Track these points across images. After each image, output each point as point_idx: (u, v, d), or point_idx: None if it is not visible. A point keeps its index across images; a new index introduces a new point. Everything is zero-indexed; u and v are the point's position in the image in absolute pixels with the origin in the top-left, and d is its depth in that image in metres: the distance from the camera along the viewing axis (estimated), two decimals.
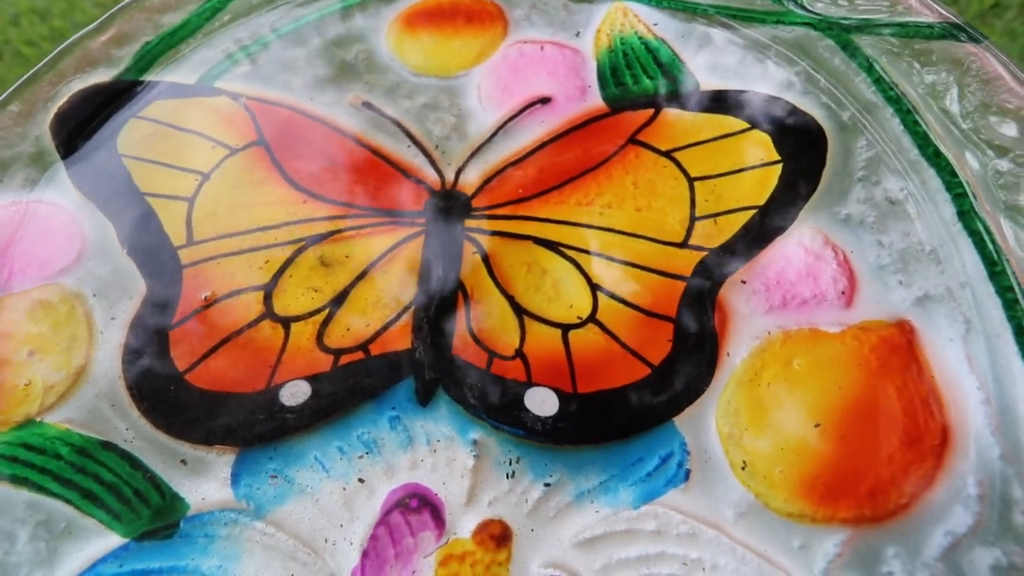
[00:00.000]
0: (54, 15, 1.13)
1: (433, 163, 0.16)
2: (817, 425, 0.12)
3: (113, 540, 0.12)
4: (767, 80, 0.16)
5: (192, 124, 0.17)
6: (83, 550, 0.12)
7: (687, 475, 0.12)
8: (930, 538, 0.11)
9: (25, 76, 0.17)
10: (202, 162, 0.16)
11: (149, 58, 0.18)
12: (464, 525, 0.12)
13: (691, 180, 0.15)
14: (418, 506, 0.12)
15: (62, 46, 0.17)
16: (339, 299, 0.14)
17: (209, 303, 0.14)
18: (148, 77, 0.18)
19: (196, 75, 0.18)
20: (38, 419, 0.13)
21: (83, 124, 0.17)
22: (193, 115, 0.17)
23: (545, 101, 0.17)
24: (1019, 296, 0.12)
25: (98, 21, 0.18)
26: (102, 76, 0.17)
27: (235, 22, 0.18)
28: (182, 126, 0.17)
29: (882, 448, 0.11)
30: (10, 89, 0.17)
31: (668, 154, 0.16)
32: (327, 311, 0.14)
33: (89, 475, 0.13)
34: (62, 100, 0.17)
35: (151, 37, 0.18)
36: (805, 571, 0.11)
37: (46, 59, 0.17)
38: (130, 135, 0.17)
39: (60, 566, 0.12)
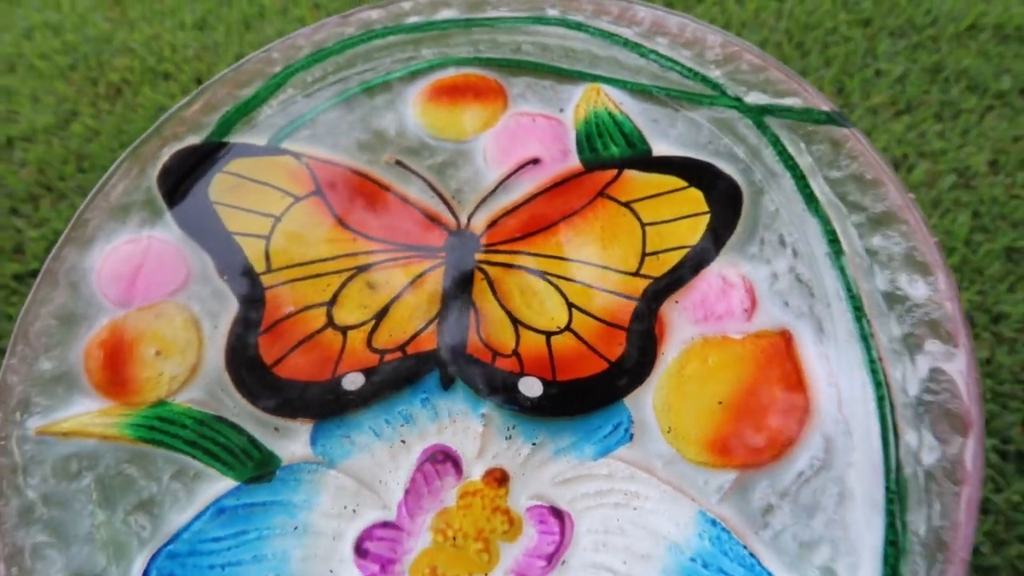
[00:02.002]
0: (67, 29, 1.19)
1: (451, 209, 0.22)
2: (720, 402, 0.17)
3: (229, 483, 0.17)
4: (702, 149, 0.21)
5: (265, 177, 0.23)
6: (209, 490, 0.17)
7: (631, 437, 0.17)
8: (788, 475, 0.16)
9: (136, 142, 0.22)
10: (274, 207, 0.22)
11: (229, 124, 0.23)
12: (476, 471, 0.17)
13: (643, 225, 0.21)
14: (443, 459, 0.18)
15: (163, 117, 0.23)
16: (382, 313, 0.20)
17: (289, 315, 0.20)
18: (229, 139, 0.23)
19: (266, 137, 0.23)
20: (167, 400, 0.19)
21: (182, 177, 0.22)
22: (265, 170, 0.23)
23: (535, 162, 0.22)
24: (864, 314, 0.18)
25: (189, 96, 0.23)
26: (194, 139, 0.23)
27: (296, 95, 0.24)
28: (257, 179, 0.22)
29: (763, 418, 0.17)
30: (126, 152, 0.22)
31: (627, 205, 0.21)
32: (373, 322, 0.20)
33: (208, 439, 0.18)
34: (165, 158, 0.22)
35: (231, 107, 0.23)
36: (705, 500, 0.16)
37: (152, 128, 0.23)
38: (218, 186, 0.22)
39: (193, 501, 0.17)
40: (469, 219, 0.21)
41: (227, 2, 1.14)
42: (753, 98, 0.21)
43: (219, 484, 0.17)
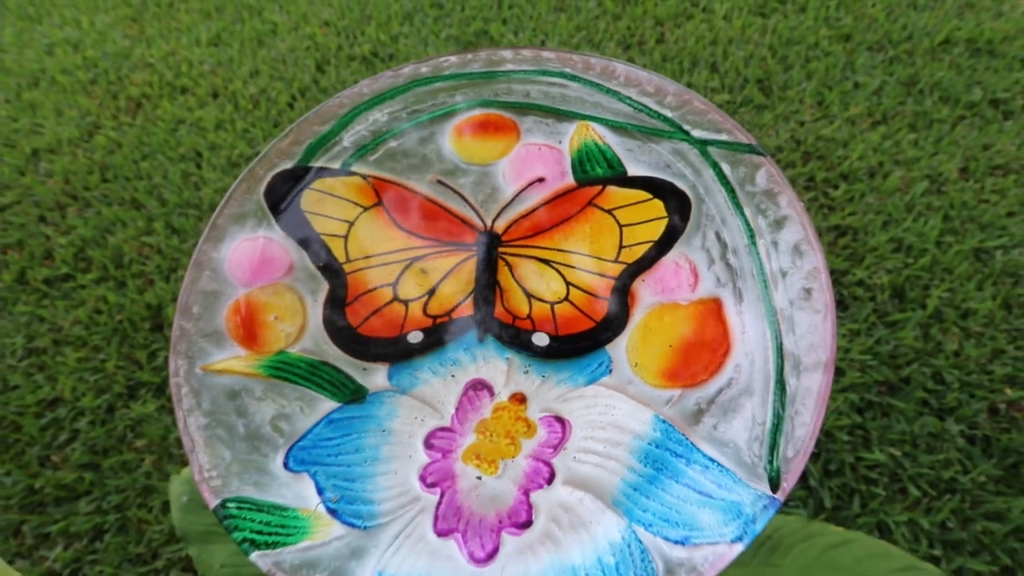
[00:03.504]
0: (87, 46, 1.29)
1: (479, 216, 0.31)
2: (671, 346, 0.26)
3: (334, 404, 0.26)
4: (663, 171, 0.30)
5: (340, 192, 0.32)
6: (322, 407, 0.26)
7: (610, 371, 0.26)
8: (713, 390, 0.25)
9: (249, 166, 0.32)
10: (348, 215, 0.31)
11: (312, 152, 0.32)
12: (504, 394, 0.26)
13: (621, 226, 0.30)
14: (481, 387, 0.27)
15: (265, 149, 0.32)
16: (433, 290, 0.29)
17: (366, 292, 0.29)
18: (312, 164, 0.32)
19: (340, 162, 0.32)
20: (286, 350, 0.28)
21: (282, 194, 0.31)
22: (340, 187, 0.32)
23: (541, 180, 0.31)
24: (767, 286, 0.27)
25: (284, 132, 0.32)
26: (287, 164, 0.32)
27: (361, 130, 0.33)
28: (335, 194, 0.32)
29: (698, 355, 0.26)
30: (243, 174, 0.31)
31: (610, 212, 0.30)
32: (427, 297, 0.29)
33: (317, 376, 0.27)
34: (268, 179, 0.32)
35: (313, 140, 0.33)
36: (659, 408, 0.25)
37: (259, 156, 0.32)
38: (307, 199, 0.31)
39: (312, 414, 0.26)
40: (493, 222, 0.31)
41: (240, 20, 1.24)
42: (698, 133, 0.30)
43: (328, 404, 0.26)
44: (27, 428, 0.80)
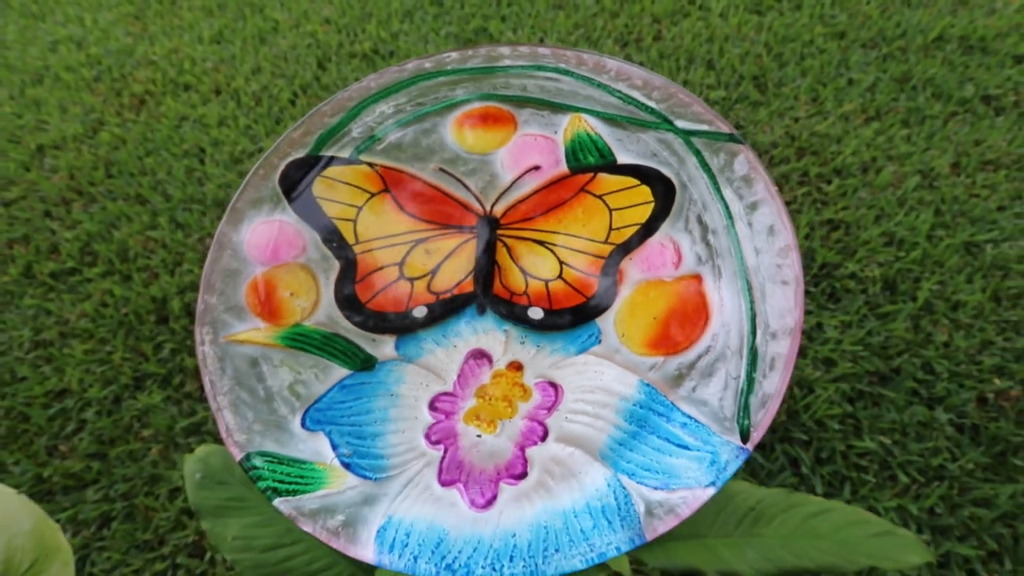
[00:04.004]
0: (90, 43, 1.32)
1: (479, 201, 0.34)
2: (655, 318, 0.29)
3: (346, 371, 0.29)
4: (649, 159, 0.33)
5: (349, 179, 0.34)
6: (335, 374, 0.29)
7: (599, 341, 0.29)
8: (692, 357, 0.28)
9: (265, 155, 0.34)
10: (357, 200, 0.34)
11: (323, 142, 0.35)
12: (502, 363, 0.29)
13: (611, 210, 0.33)
14: (480, 356, 0.29)
15: (279, 140, 0.35)
16: (436, 269, 0.32)
17: (374, 271, 0.32)
18: (323, 153, 0.35)
19: (348, 151, 0.35)
20: (301, 323, 0.30)
21: (296, 181, 0.34)
22: (349, 175, 0.35)
23: (537, 168, 0.34)
24: (744, 263, 0.30)
25: (296, 124, 0.35)
26: (300, 153, 0.35)
27: (369, 122, 0.36)
28: (344, 181, 0.34)
29: (679, 326, 0.29)
30: (259, 162, 0.34)
31: (600, 197, 0.33)
32: (431, 275, 0.32)
33: (330, 346, 0.30)
34: (283, 166, 0.34)
35: (323, 131, 0.35)
36: (643, 373, 0.28)
37: (274, 146, 0.35)
38: (319, 186, 0.34)
39: (327, 380, 0.29)
40: (492, 207, 0.33)
41: (242, 17, 1.27)
42: (682, 124, 0.33)
43: (340, 371, 0.29)
44: (35, 418, 0.83)
